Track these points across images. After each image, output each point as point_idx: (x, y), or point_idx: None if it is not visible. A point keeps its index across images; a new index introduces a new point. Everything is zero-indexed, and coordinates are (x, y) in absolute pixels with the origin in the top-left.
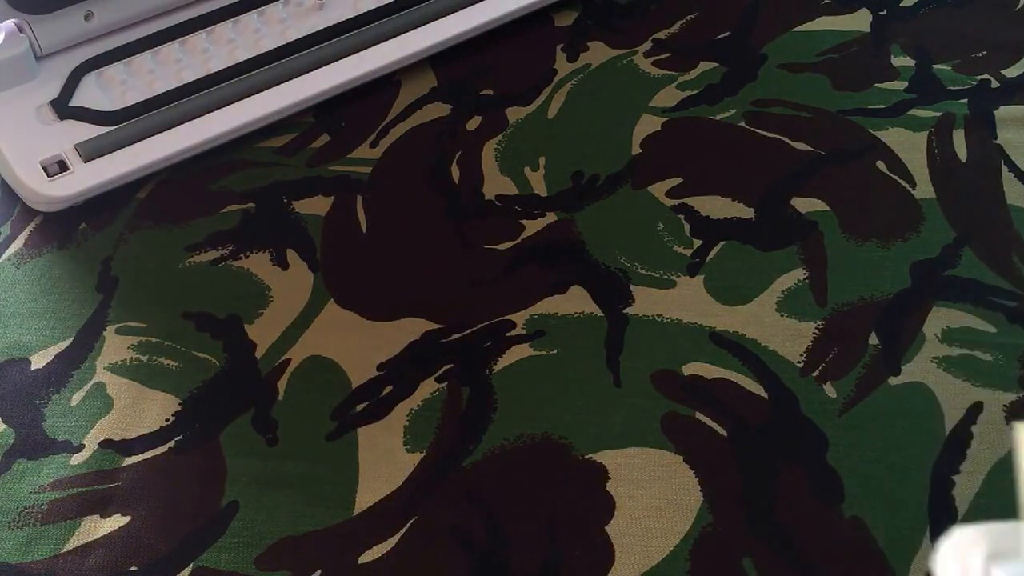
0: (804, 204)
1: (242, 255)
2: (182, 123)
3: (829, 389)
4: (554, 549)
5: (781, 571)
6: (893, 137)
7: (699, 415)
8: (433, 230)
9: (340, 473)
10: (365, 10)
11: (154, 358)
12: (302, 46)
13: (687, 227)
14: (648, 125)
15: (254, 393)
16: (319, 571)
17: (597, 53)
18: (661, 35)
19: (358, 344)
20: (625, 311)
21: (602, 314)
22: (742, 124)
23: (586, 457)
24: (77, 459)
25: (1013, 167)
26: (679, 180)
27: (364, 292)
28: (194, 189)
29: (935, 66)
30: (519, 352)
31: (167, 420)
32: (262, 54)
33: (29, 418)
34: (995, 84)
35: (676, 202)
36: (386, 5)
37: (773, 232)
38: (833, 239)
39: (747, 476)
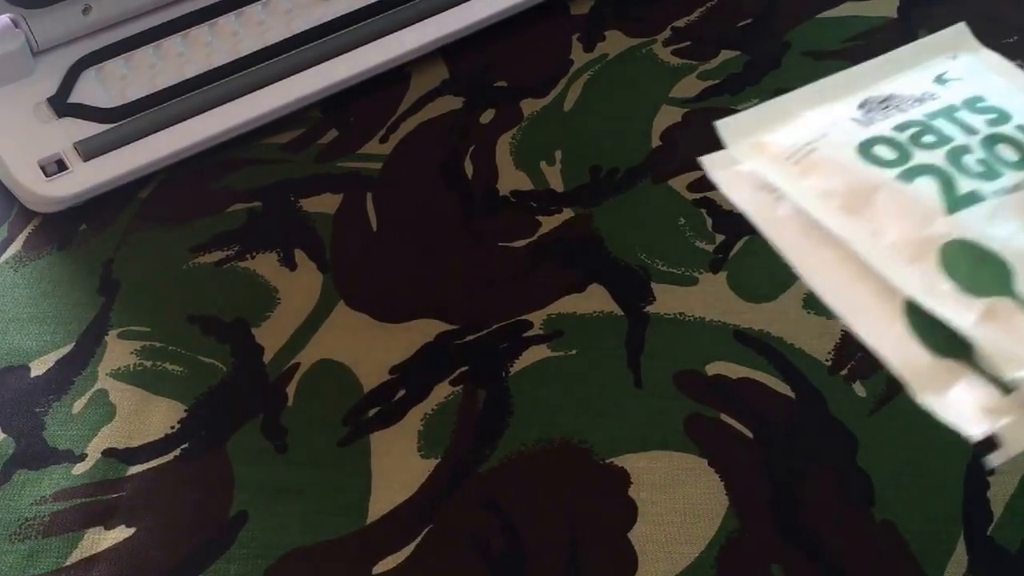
0: None
1: (248, 256)
2: (185, 120)
3: (858, 388)
4: (574, 557)
5: None
6: None
7: (724, 416)
8: (446, 228)
9: (352, 480)
10: (373, 0)
11: (158, 363)
12: (308, 38)
13: (709, 222)
14: (668, 116)
15: (262, 399)
16: None
17: (614, 42)
18: (680, 23)
19: (369, 347)
20: (646, 309)
21: (622, 313)
22: None
23: (607, 461)
24: (79, 469)
25: None
26: (701, 173)
27: (375, 293)
28: (198, 188)
29: None
30: (536, 353)
31: (172, 427)
32: (267, 47)
33: (29, 427)
34: None
35: (698, 196)
36: None
37: None
38: None
39: (774, 479)
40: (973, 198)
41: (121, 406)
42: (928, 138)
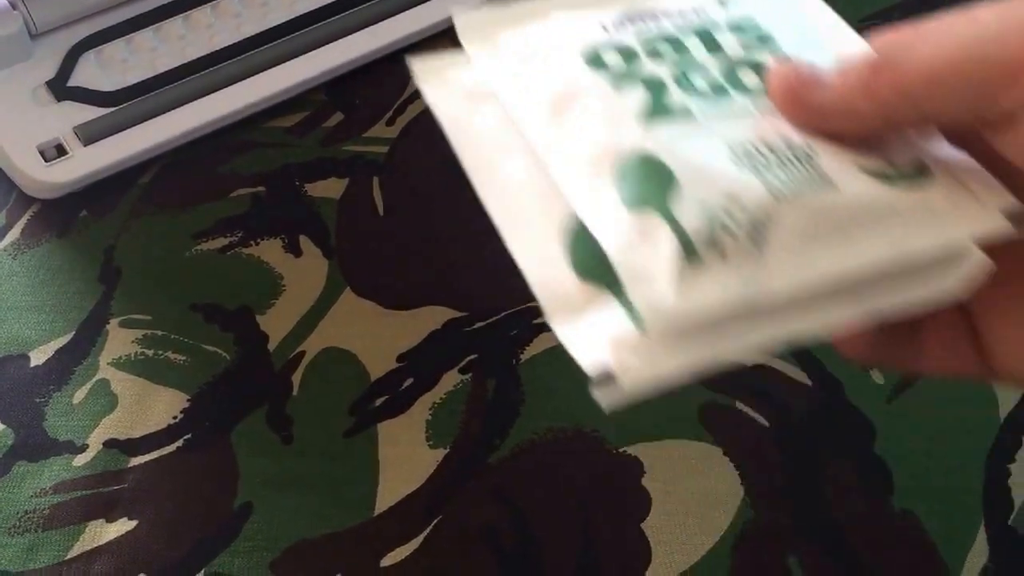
0: None
1: (252, 242)
2: (187, 103)
3: (876, 374)
4: (587, 548)
5: (828, 567)
6: None
7: (739, 404)
8: (455, 212)
9: (359, 471)
10: None
11: (160, 352)
12: (313, 19)
13: None
14: None
15: (267, 388)
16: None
17: None
18: None
19: (376, 334)
20: None
21: None
22: None
23: (620, 451)
24: (80, 460)
25: None
26: None
27: (382, 279)
28: (200, 173)
29: None
30: (547, 340)
31: (175, 418)
32: (270, 28)
33: (29, 417)
34: None
35: None
36: None
37: None
38: None
39: (790, 468)
40: (681, 114)
41: (123, 396)
42: (665, 48)
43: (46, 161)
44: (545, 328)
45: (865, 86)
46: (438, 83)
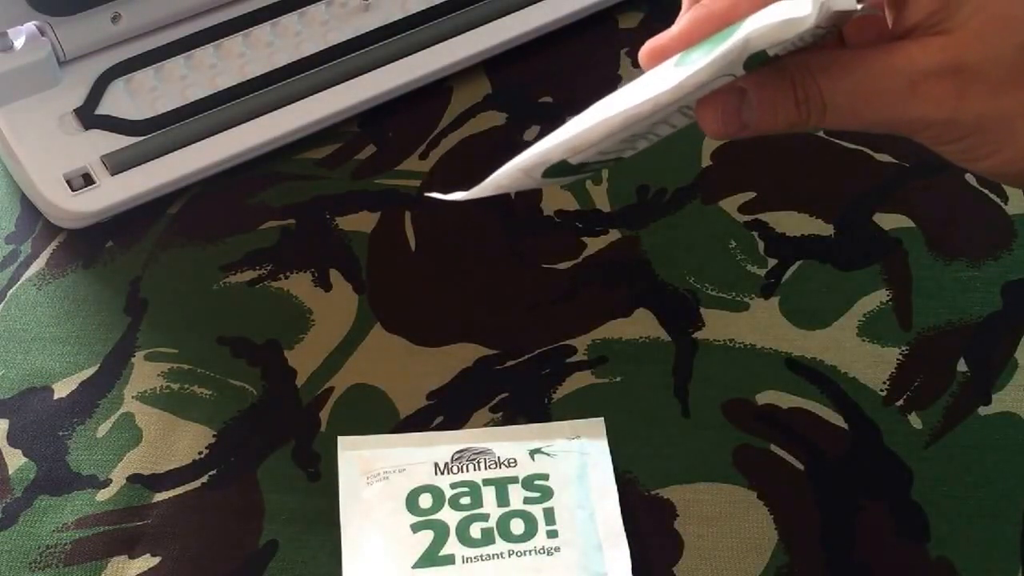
0: (887, 220)
1: (281, 275)
2: (217, 133)
3: (914, 419)
4: None
5: None
6: None
7: (774, 448)
8: (487, 248)
9: None
10: (414, 11)
11: (186, 386)
12: (346, 50)
13: (761, 245)
14: None
15: (294, 424)
16: None
17: None
18: None
19: (406, 371)
20: (694, 335)
21: (669, 339)
22: (820, 134)
23: (652, 493)
24: (103, 495)
25: None
26: (752, 194)
27: (413, 315)
28: (230, 204)
29: None
30: (580, 380)
31: (200, 453)
32: (303, 59)
33: (52, 451)
34: None
35: (749, 218)
36: (437, 6)
37: (854, 250)
38: (919, 257)
39: (826, 513)
40: (444, 560)
41: (147, 430)
42: (465, 500)
43: (72, 190)
44: (577, 367)
45: None
46: (349, 460)
